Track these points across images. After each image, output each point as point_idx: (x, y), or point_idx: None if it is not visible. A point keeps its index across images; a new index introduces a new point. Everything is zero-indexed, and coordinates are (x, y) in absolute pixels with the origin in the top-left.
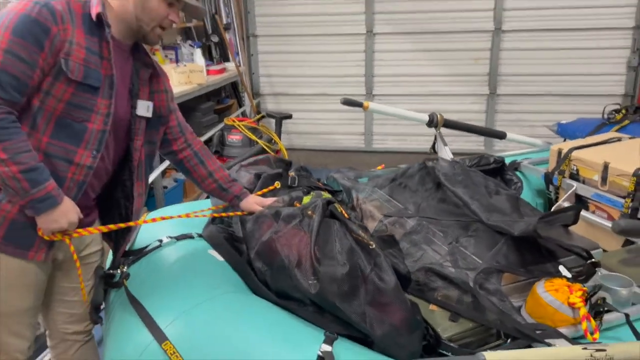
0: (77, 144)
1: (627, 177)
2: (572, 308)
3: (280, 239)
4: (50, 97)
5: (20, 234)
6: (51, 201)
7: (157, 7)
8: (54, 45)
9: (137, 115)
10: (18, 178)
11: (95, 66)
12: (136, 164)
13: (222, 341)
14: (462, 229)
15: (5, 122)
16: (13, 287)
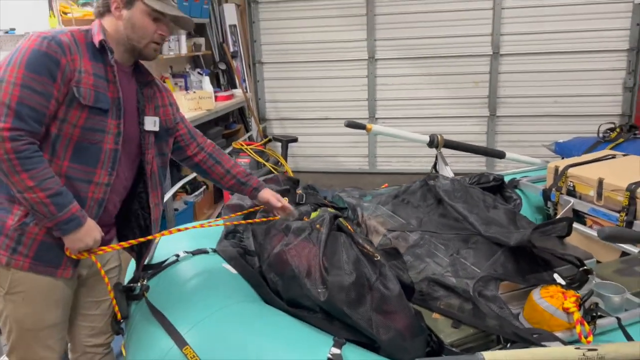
0: (95, 165)
1: (621, 192)
2: (566, 313)
3: (290, 250)
4: (66, 124)
5: (49, 254)
6: (76, 222)
7: (145, 25)
8: (65, 75)
9: (145, 130)
10: (45, 203)
11: (104, 90)
12: (149, 176)
13: (238, 345)
14: (462, 242)
15: (29, 152)
16: (44, 304)
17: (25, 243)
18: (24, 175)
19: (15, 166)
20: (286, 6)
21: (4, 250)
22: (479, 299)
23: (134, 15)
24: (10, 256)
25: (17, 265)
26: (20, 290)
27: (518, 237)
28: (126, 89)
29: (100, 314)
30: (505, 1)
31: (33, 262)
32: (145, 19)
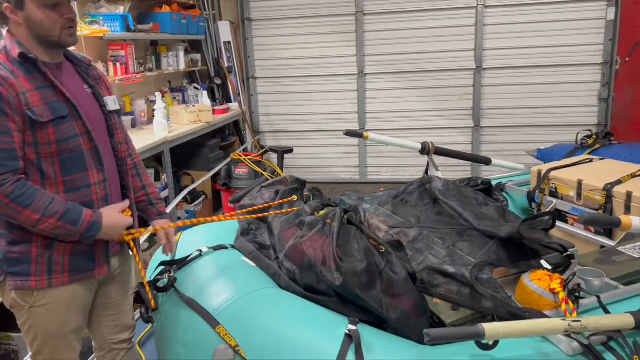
0: (85, 169)
1: (599, 191)
2: (553, 293)
3: (306, 242)
4: (40, 146)
5: (80, 261)
6: (96, 226)
7: (46, 18)
8: (12, 104)
9: (109, 111)
10: (59, 226)
11: (53, 98)
12: (122, 157)
13: (265, 324)
14: (458, 235)
15: (19, 190)
16: (67, 312)
17: (57, 262)
18: (27, 212)
19: (14, 208)
20: (278, 24)
21: (42, 276)
22: (476, 282)
23: (31, 13)
24: (49, 278)
25: (59, 283)
26: (44, 303)
27: (508, 229)
28: (71, 83)
29: (123, 312)
30: (487, 18)
31: (71, 275)
32: (42, 12)
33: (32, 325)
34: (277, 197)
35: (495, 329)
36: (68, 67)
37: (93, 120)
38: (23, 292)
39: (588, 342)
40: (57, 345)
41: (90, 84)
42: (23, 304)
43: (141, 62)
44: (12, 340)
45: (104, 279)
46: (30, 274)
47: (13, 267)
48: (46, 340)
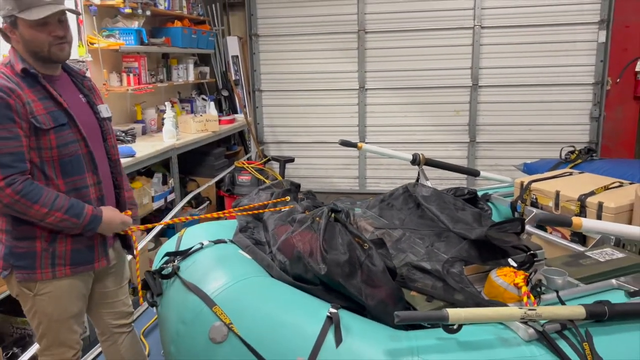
0: (82, 172)
1: (574, 202)
2: (517, 288)
3: (296, 236)
4: (43, 151)
5: (81, 256)
6: (97, 219)
7: (35, 37)
8: (19, 113)
9: (102, 118)
10: (65, 219)
11: (54, 108)
12: (115, 159)
13: (257, 306)
14: (436, 236)
15: (28, 187)
16: (67, 299)
17: (60, 255)
18: (36, 207)
19: (24, 203)
20: (284, 40)
21: (46, 268)
22: (447, 275)
23: (23, 32)
24: (53, 270)
25: (62, 275)
26: (46, 291)
27: (478, 232)
28: (68, 93)
29: (120, 300)
30: (483, 38)
31: (72, 267)
32: (31, 31)
33: (36, 311)
34: (272, 197)
35: (458, 313)
36: (66, 79)
37: (88, 127)
38: (28, 283)
39: (542, 329)
40: (60, 328)
41: (85, 93)
42: (28, 292)
43: (153, 74)
44: (27, 325)
45: (100, 271)
46: (35, 267)
47: (19, 261)
48: (49, 324)
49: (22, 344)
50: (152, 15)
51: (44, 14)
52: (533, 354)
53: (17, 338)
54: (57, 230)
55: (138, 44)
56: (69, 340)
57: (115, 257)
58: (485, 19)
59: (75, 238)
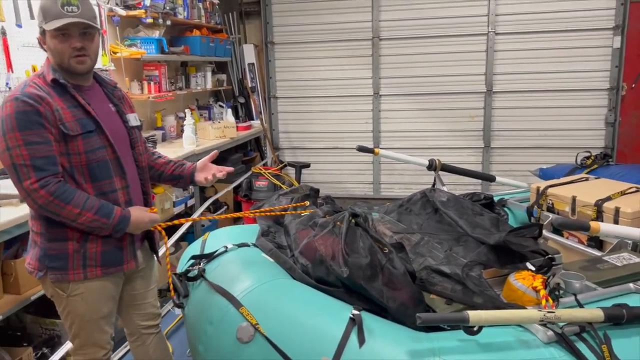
0: (110, 176)
1: (590, 207)
2: (535, 291)
3: (318, 240)
4: (71, 156)
5: (111, 257)
6: (125, 219)
7: (56, 46)
8: (49, 119)
9: (131, 127)
10: (95, 219)
11: (82, 115)
12: (142, 167)
13: (282, 307)
14: (454, 241)
15: (61, 189)
16: (98, 300)
17: (91, 257)
18: (69, 207)
19: (58, 204)
20: (299, 47)
21: (78, 269)
22: (466, 278)
23: (49, 43)
24: (84, 271)
25: (93, 276)
26: (79, 292)
27: (496, 237)
28: (98, 103)
29: (148, 302)
30: (497, 45)
31: (103, 269)
32: (54, 41)
33: (69, 312)
34: (292, 202)
35: (478, 315)
36: (97, 89)
37: (116, 135)
38: (61, 284)
39: (561, 331)
40: (92, 328)
41: (115, 103)
42: (62, 293)
43: (172, 81)
44: (56, 326)
45: (130, 274)
46: (67, 268)
47: (53, 262)
48: (82, 324)
49: (51, 345)
50: (172, 24)
51: (62, 23)
52: (552, 355)
53: (46, 339)
54: (88, 232)
55: (159, 52)
56: (100, 340)
57: (143, 260)
58: (500, 26)
59: (105, 240)
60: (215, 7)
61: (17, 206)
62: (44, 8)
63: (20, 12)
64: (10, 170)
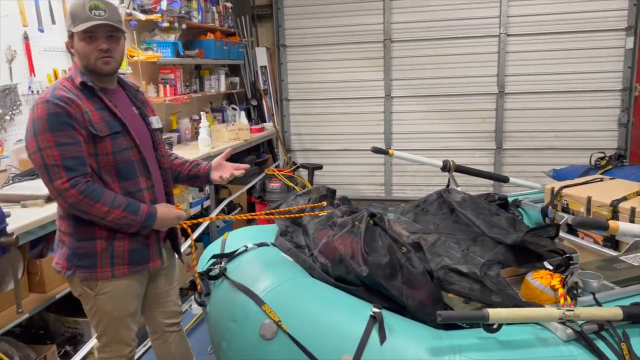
0: (136, 176)
1: (606, 207)
2: (553, 290)
3: (337, 239)
4: (99, 157)
5: (138, 256)
6: (152, 215)
7: (84, 48)
8: (79, 121)
9: (154, 129)
10: (124, 216)
11: (110, 117)
12: (165, 168)
13: (303, 306)
14: (471, 240)
15: (90, 188)
16: (125, 298)
17: (118, 255)
18: (98, 206)
19: (87, 203)
20: (311, 50)
21: (106, 267)
22: (484, 277)
23: (76, 45)
24: (112, 269)
25: (120, 274)
26: (107, 291)
27: (514, 237)
28: (123, 105)
29: (171, 300)
30: (509, 46)
31: (130, 267)
32: (82, 44)
33: (97, 309)
34: (309, 203)
35: (498, 313)
36: (121, 92)
37: (141, 137)
38: (90, 282)
39: (580, 329)
40: (118, 326)
41: (138, 106)
42: (90, 292)
43: (187, 85)
44: (79, 324)
45: (154, 272)
46: (96, 267)
47: (81, 260)
48: (109, 322)
49: (73, 343)
50: (187, 28)
51: (88, 25)
52: (571, 353)
53: (68, 337)
54: (115, 231)
55: (174, 56)
56: (126, 337)
57: (167, 258)
58: (511, 27)
59: (132, 239)
60: (229, 11)
61: (42, 207)
62: (73, 12)
63: (42, 17)
64: (42, 171)
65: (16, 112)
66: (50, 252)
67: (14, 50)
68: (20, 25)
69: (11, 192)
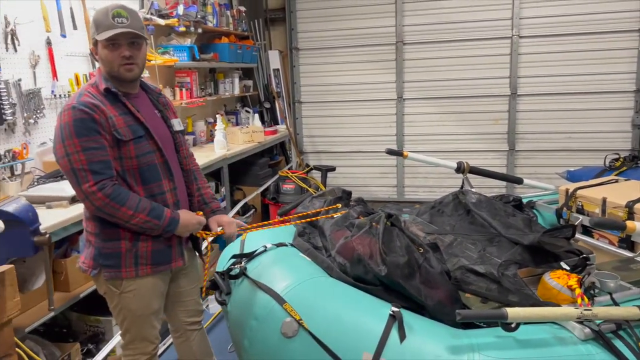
0: (159, 179)
1: (621, 208)
2: (570, 290)
3: (355, 240)
4: (124, 160)
5: (160, 256)
6: (175, 221)
7: (107, 55)
8: (103, 126)
9: (175, 131)
10: (147, 220)
11: (133, 122)
12: (187, 169)
13: (324, 304)
14: (488, 241)
15: (116, 191)
16: (149, 296)
17: (142, 255)
18: (124, 209)
19: (114, 206)
20: (323, 52)
21: (130, 267)
22: (502, 277)
23: (100, 52)
24: (136, 268)
25: (144, 273)
26: (131, 289)
27: (531, 237)
28: (145, 109)
29: (192, 299)
30: (522, 48)
31: (153, 267)
32: (105, 51)
33: (122, 308)
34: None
35: (516, 312)
36: (143, 96)
37: (163, 139)
38: (114, 281)
39: (598, 328)
40: (142, 324)
41: (160, 109)
42: (115, 290)
43: (202, 88)
44: (100, 323)
45: (176, 272)
46: (120, 266)
47: (107, 260)
48: (133, 320)
49: (95, 341)
50: (202, 32)
51: (112, 33)
52: (590, 352)
53: (90, 335)
54: (139, 232)
55: (190, 60)
56: (150, 335)
57: (188, 259)
58: (524, 29)
59: (155, 239)
60: (242, 15)
61: (66, 208)
62: (96, 20)
63: (64, 23)
64: (70, 175)
65: (40, 115)
66: (75, 252)
67: (38, 55)
68: (43, 30)
69: (37, 194)
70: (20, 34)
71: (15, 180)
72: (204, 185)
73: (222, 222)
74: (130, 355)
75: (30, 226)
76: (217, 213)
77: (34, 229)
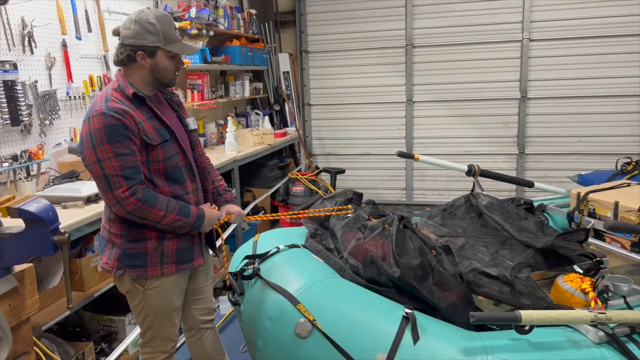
0: (183, 180)
1: (634, 212)
2: (583, 293)
3: (368, 242)
4: (151, 164)
5: (184, 255)
6: (202, 216)
7: (168, 65)
8: (133, 132)
9: (191, 130)
10: (178, 219)
11: (159, 126)
12: (203, 167)
13: (337, 305)
14: (500, 244)
15: (147, 195)
16: (171, 293)
17: (167, 254)
18: (154, 211)
19: (145, 209)
20: (332, 55)
21: (156, 266)
22: (515, 280)
23: (159, 60)
24: (161, 267)
25: (168, 272)
26: (155, 286)
27: (544, 240)
28: (165, 110)
29: (207, 297)
30: (532, 51)
31: (177, 265)
32: (167, 61)
33: (145, 305)
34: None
35: (530, 314)
36: (160, 97)
37: (182, 140)
38: (140, 280)
39: (612, 332)
40: (163, 321)
41: (175, 108)
42: (139, 287)
43: (213, 90)
44: (113, 322)
45: (194, 269)
46: (146, 265)
47: (132, 260)
48: (155, 317)
49: (108, 340)
50: (214, 35)
51: (179, 49)
52: (603, 355)
53: (103, 334)
54: (164, 232)
55: (202, 62)
56: (170, 333)
57: (205, 256)
58: (534, 32)
59: (180, 239)
60: (253, 17)
61: (81, 208)
62: (163, 32)
63: (80, 26)
64: (101, 180)
65: (55, 117)
66: (89, 252)
67: (54, 57)
68: (59, 33)
69: (52, 194)
70: (37, 36)
71: (31, 180)
72: (217, 178)
73: (232, 211)
74: (149, 354)
75: (51, 225)
76: (230, 202)
77: (54, 228)
